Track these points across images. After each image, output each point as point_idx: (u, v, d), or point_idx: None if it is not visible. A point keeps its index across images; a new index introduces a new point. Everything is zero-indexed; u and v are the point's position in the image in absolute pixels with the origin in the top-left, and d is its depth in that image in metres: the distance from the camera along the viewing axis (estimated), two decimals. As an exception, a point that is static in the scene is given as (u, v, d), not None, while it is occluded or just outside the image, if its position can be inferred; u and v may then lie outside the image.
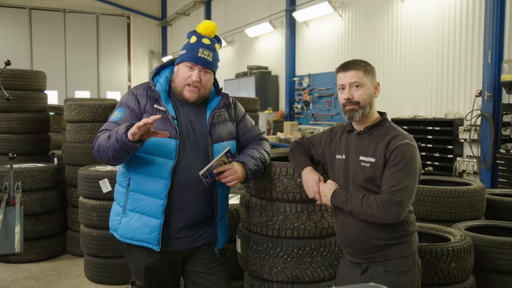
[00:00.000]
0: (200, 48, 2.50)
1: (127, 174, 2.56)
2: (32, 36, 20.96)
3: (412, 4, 9.32)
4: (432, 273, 2.86)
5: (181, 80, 2.52)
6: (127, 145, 2.23)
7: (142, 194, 2.51)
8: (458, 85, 8.35)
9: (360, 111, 2.32)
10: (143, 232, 2.51)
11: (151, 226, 2.49)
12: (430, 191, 3.68)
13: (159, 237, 2.49)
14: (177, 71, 2.56)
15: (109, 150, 2.32)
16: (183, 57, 2.53)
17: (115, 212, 2.64)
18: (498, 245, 3.15)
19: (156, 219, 2.48)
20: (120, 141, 2.24)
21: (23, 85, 6.19)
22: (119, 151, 2.29)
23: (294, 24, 13.38)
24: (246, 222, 2.88)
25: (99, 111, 5.58)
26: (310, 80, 12.77)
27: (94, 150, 2.45)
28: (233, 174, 2.48)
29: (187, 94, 2.52)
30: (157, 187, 2.46)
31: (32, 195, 5.46)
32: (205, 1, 18.83)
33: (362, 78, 2.32)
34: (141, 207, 2.51)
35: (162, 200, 2.47)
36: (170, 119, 2.46)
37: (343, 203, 2.29)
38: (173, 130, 2.46)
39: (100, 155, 2.40)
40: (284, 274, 2.71)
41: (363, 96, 2.32)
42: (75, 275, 5.14)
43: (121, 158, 2.37)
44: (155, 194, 2.47)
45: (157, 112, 2.48)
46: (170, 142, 2.45)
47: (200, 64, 2.50)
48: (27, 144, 6.19)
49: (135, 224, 2.52)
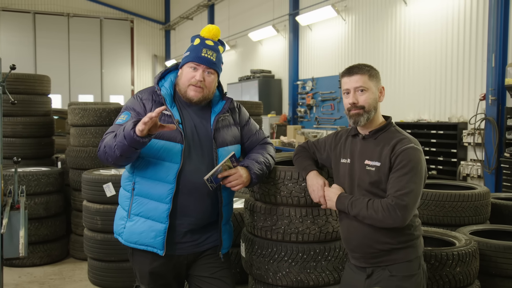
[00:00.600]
0: (203, 48, 2.52)
1: (132, 178, 2.56)
2: (36, 40, 21.05)
3: (415, 8, 9.32)
4: (437, 277, 2.85)
5: (184, 81, 2.53)
6: (135, 141, 2.20)
7: (147, 198, 2.50)
8: (462, 89, 8.34)
9: (365, 115, 2.32)
10: (148, 236, 2.50)
11: (156, 231, 2.48)
12: (435, 195, 3.67)
13: (164, 242, 2.48)
14: (181, 73, 2.58)
15: (116, 149, 2.29)
16: (187, 58, 2.54)
17: (119, 217, 2.64)
18: (504, 249, 3.13)
19: (161, 224, 2.48)
20: (128, 137, 2.21)
21: (27, 89, 6.22)
22: (127, 148, 2.26)
23: (298, 28, 13.39)
24: (251, 226, 2.87)
25: (103, 115, 5.59)
26: (313, 84, 12.77)
27: (100, 152, 2.43)
28: (238, 178, 2.48)
29: (191, 93, 2.52)
30: (162, 191, 2.46)
31: (36, 199, 5.47)
32: (209, 5, 18.87)
33: (367, 83, 2.32)
34: (146, 212, 2.50)
35: (167, 205, 2.46)
36: (176, 123, 2.46)
37: (348, 207, 2.29)
38: (178, 135, 2.46)
39: (107, 155, 2.37)
40: (288, 278, 2.70)
41: (368, 100, 2.31)
42: (78, 279, 5.14)
43: (129, 156, 2.34)
44: (160, 199, 2.47)
45: (163, 117, 2.48)
46: (176, 147, 2.45)
47: (204, 64, 2.50)
48: (31, 148, 6.21)
49: (140, 229, 2.52)
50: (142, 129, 2.16)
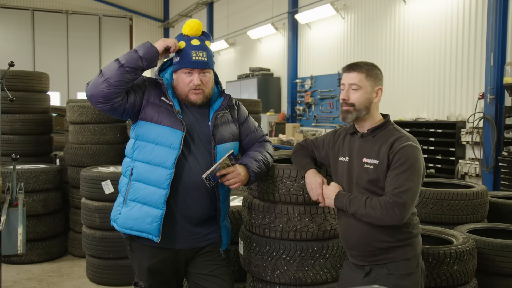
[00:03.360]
0: (192, 51, 2.52)
1: (131, 163, 2.56)
2: (34, 38, 20.99)
3: (414, 6, 9.32)
4: (434, 275, 2.86)
5: (183, 87, 2.55)
6: (150, 52, 2.44)
7: (144, 183, 2.50)
8: (461, 88, 8.35)
9: (354, 113, 2.32)
10: (144, 222, 2.49)
11: (152, 216, 2.48)
12: (433, 193, 3.68)
13: (160, 228, 2.47)
14: (177, 79, 2.58)
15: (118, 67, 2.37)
16: (179, 64, 2.55)
17: (117, 203, 2.65)
18: (501, 247, 3.14)
19: (157, 209, 2.47)
20: (144, 47, 2.44)
21: (26, 86, 6.21)
22: (134, 62, 2.40)
23: (297, 26, 13.38)
24: (249, 224, 2.88)
25: (101, 112, 5.57)
26: (312, 82, 12.77)
27: (91, 82, 2.42)
28: (236, 176, 2.49)
29: (193, 97, 2.55)
30: (160, 176, 2.46)
31: (35, 196, 5.46)
32: (208, 2, 18.84)
33: (362, 81, 2.31)
34: (142, 197, 2.50)
35: (165, 190, 2.46)
36: (176, 113, 2.49)
37: (346, 205, 2.29)
38: (179, 123, 2.48)
39: (95, 81, 2.39)
40: (286, 276, 2.71)
41: (359, 99, 2.31)
42: (77, 276, 5.14)
43: (122, 83, 2.39)
44: (158, 184, 2.47)
45: (164, 104, 2.51)
46: (176, 132, 2.47)
47: (198, 67, 2.52)
48: (30, 145, 6.19)
49: (135, 214, 2.51)
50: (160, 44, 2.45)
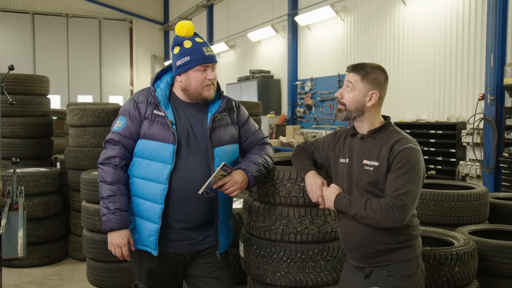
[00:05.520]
0: (202, 47, 2.52)
1: (130, 179, 2.60)
2: (35, 41, 21.00)
3: (414, 8, 9.32)
4: (435, 277, 2.85)
5: (197, 85, 2.52)
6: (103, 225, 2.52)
7: (142, 198, 2.55)
8: (461, 89, 8.34)
9: (345, 113, 2.34)
10: (143, 235, 2.55)
11: (149, 230, 2.52)
12: (433, 195, 3.67)
13: (157, 242, 2.51)
14: (187, 79, 2.52)
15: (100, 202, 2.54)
16: (191, 63, 2.50)
17: None
18: (502, 249, 3.13)
19: (153, 224, 2.51)
20: (104, 222, 2.50)
21: (26, 89, 6.21)
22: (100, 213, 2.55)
23: (296, 28, 13.39)
24: (249, 226, 2.87)
25: (101, 115, 5.58)
26: (312, 84, 12.77)
27: (99, 171, 2.58)
28: (233, 185, 2.49)
29: (207, 93, 2.55)
30: (155, 191, 2.49)
31: (35, 200, 5.46)
32: (208, 5, 18.85)
33: (357, 83, 2.31)
34: (141, 212, 2.55)
35: (160, 205, 2.49)
36: (169, 124, 2.48)
37: (346, 207, 2.29)
38: (171, 136, 2.48)
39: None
40: (287, 278, 2.70)
41: (350, 100, 2.32)
42: (77, 279, 5.14)
43: None
44: (153, 199, 2.50)
45: (156, 118, 2.51)
46: (168, 147, 2.47)
47: (212, 62, 2.53)
48: (30, 148, 6.20)
49: (136, 229, 2.57)
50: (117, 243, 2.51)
